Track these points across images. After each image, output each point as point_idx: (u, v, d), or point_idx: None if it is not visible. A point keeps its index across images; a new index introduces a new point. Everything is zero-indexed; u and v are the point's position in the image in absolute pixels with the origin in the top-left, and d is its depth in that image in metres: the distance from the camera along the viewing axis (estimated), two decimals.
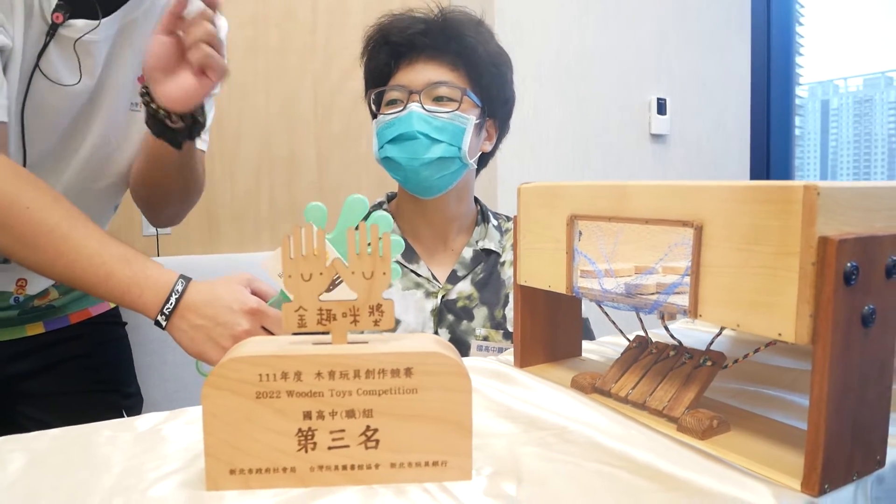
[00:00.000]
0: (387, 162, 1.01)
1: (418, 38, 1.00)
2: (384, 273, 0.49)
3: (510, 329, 1.01)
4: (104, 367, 1.09)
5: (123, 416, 0.86)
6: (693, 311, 0.53)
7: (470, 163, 1.03)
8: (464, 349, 1.00)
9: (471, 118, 1.01)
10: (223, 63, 0.80)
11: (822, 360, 0.45)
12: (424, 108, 0.98)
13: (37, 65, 0.81)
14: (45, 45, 0.80)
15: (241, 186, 1.50)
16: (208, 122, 1.04)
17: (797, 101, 2.85)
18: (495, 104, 1.06)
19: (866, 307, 0.47)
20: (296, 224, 0.48)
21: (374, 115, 1.06)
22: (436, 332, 1.00)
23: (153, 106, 0.82)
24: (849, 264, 0.45)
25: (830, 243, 0.44)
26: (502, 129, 1.11)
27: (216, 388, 0.46)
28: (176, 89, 0.80)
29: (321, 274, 0.48)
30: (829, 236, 0.45)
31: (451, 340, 1.00)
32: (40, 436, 0.58)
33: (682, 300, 0.54)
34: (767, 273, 0.47)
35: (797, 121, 2.92)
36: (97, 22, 0.82)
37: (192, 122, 0.86)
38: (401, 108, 0.99)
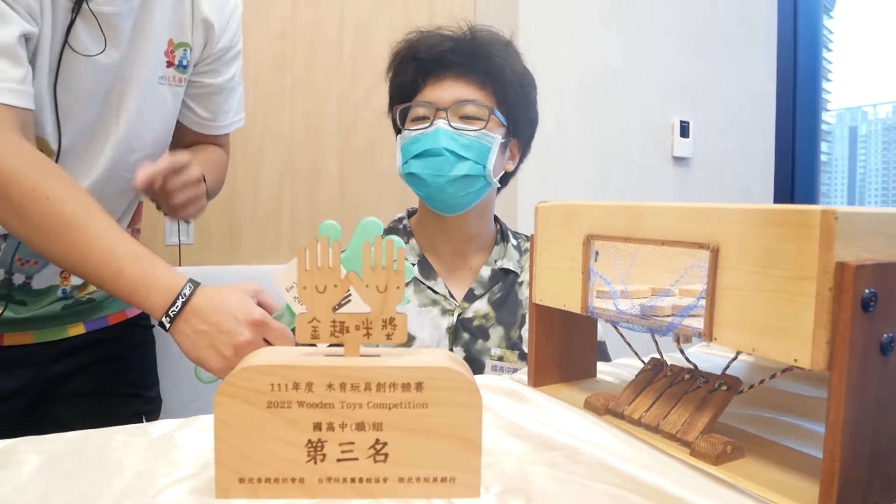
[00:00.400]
0: (411, 178, 1.02)
1: (447, 56, 1.01)
2: (398, 287, 0.49)
3: (526, 350, 1.01)
4: (133, 371, 1.10)
5: (143, 422, 0.87)
6: (708, 335, 0.52)
7: (494, 181, 1.03)
8: (478, 368, 0.99)
9: (496, 137, 1.01)
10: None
11: (839, 387, 0.45)
12: (451, 126, 0.98)
13: (65, 41, 0.83)
14: (72, 21, 0.82)
15: (264, 198, 1.51)
16: (237, 99, 1.09)
17: (825, 128, 2.82)
18: (520, 124, 1.07)
19: (885, 335, 0.46)
20: (312, 236, 0.49)
21: (399, 131, 1.07)
22: (450, 351, 1.00)
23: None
24: (867, 291, 0.44)
25: (848, 269, 0.44)
26: (525, 149, 1.12)
27: (228, 396, 0.47)
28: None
29: (335, 286, 0.49)
30: (846, 262, 0.44)
31: (465, 359, 1.00)
32: (57, 438, 0.59)
33: (697, 323, 0.53)
34: (783, 297, 0.47)
35: (825, 147, 2.89)
36: None
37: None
38: (427, 124, 0.99)
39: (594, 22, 1.72)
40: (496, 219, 1.14)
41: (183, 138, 1.07)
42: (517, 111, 1.05)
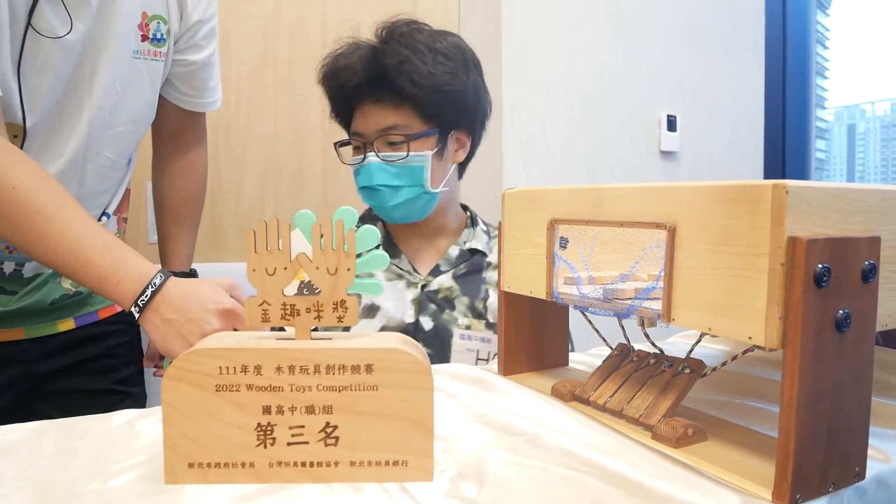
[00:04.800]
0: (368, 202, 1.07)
1: (363, 87, 1.01)
2: (348, 269, 0.48)
3: (492, 320, 1.02)
4: (123, 368, 1.10)
5: None
6: (666, 315, 0.52)
7: (438, 191, 1.04)
8: (447, 337, 1.01)
9: (426, 153, 1.01)
10: None
11: (793, 364, 0.44)
12: (379, 157, 1.00)
13: (29, 23, 0.81)
14: (35, 2, 0.81)
15: (247, 195, 1.51)
16: (217, 76, 1.10)
17: (822, 125, 2.80)
18: (457, 117, 1.04)
19: (840, 311, 0.45)
20: (261, 219, 0.48)
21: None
22: (416, 321, 1.01)
23: None
24: (819, 266, 0.44)
25: (799, 243, 0.43)
26: (478, 129, 1.10)
27: (176, 381, 0.46)
28: None
29: (285, 268, 0.48)
30: (798, 236, 0.43)
31: (433, 329, 1.01)
32: (15, 428, 0.58)
33: (657, 304, 0.53)
34: (738, 275, 0.46)
35: (822, 145, 2.87)
36: None
37: None
38: (361, 156, 1.03)
39: (580, 16, 1.71)
40: (465, 207, 1.15)
41: (167, 116, 1.08)
42: (444, 112, 1.02)
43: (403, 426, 0.47)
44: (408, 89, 0.98)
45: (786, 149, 2.27)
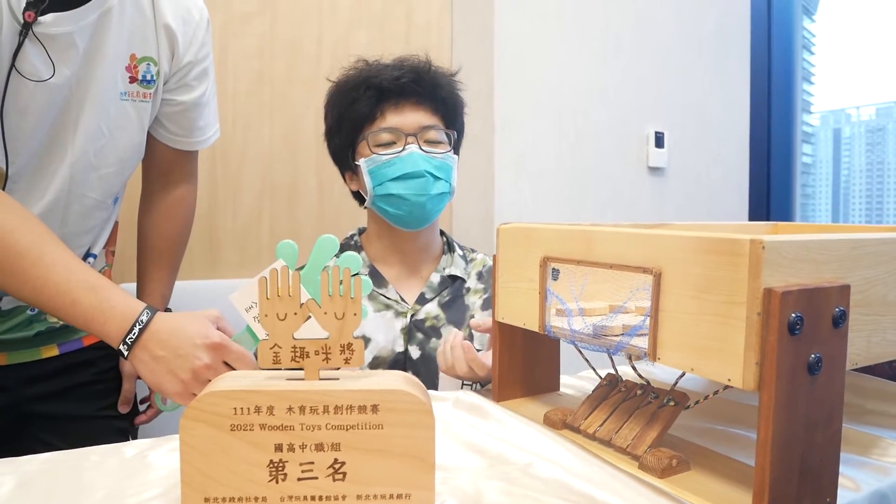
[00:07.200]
0: (388, 198, 1.06)
1: (409, 86, 1.08)
2: (355, 314, 0.51)
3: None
4: (115, 393, 1.10)
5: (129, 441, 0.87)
6: (652, 354, 0.55)
7: (451, 198, 1.12)
8: (433, 365, 1.04)
9: (455, 157, 1.11)
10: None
11: (768, 405, 0.48)
12: (423, 150, 1.06)
13: (12, 65, 0.82)
14: (20, 45, 0.81)
15: (244, 212, 1.53)
16: (210, 115, 1.10)
17: (808, 130, 2.84)
18: (459, 143, 1.15)
19: (812, 355, 0.49)
20: (273, 268, 0.51)
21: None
22: (406, 350, 1.05)
23: None
24: (793, 315, 0.47)
25: (774, 295, 0.47)
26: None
27: (193, 420, 0.49)
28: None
29: (295, 314, 0.51)
30: (773, 288, 0.47)
31: (421, 357, 1.05)
32: (31, 460, 0.61)
33: (643, 343, 0.56)
34: (718, 321, 0.50)
35: (809, 149, 2.91)
36: (70, 13, 0.83)
37: None
38: (398, 149, 1.06)
39: (570, 36, 1.75)
40: (442, 232, 1.21)
41: (155, 154, 1.07)
42: (461, 133, 1.15)
43: (407, 462, 0.50)
44: (452, 100, 1.11)
45: (771, 153, 2.32)
